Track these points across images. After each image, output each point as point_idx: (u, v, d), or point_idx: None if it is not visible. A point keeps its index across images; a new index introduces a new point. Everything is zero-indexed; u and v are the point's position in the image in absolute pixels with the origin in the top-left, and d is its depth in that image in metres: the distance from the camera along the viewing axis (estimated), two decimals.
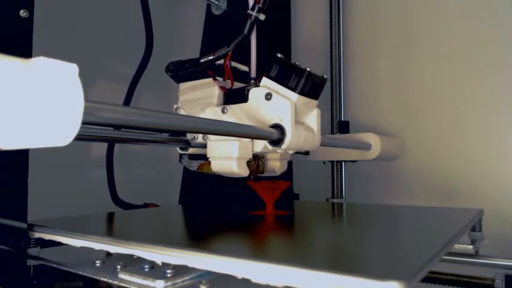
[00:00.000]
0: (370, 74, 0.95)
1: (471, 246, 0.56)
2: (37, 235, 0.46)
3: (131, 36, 0.94)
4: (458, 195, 0.82)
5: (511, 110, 0.78)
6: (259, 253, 0.37)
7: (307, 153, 0.83)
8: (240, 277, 0.30)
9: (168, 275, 0.34)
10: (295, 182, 0.94)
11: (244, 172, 0.52)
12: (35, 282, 0.43)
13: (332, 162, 0.89)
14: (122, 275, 0.36)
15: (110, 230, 0.53)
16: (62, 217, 0.53)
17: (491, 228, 0.68)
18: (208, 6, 0.77)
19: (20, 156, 0.44)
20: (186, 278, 0.34)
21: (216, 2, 0.74)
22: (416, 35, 0.89)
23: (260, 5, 0.56)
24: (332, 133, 0.92)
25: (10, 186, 0.44)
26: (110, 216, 0.63)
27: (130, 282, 0.35)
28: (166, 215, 0.68)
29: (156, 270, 0.35)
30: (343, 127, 0.91)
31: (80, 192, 0.91)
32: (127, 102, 0.90)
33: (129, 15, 0.96)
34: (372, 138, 0.75)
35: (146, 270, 0.36)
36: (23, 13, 0.43)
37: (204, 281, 0.34)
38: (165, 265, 0.35)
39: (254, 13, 0.56)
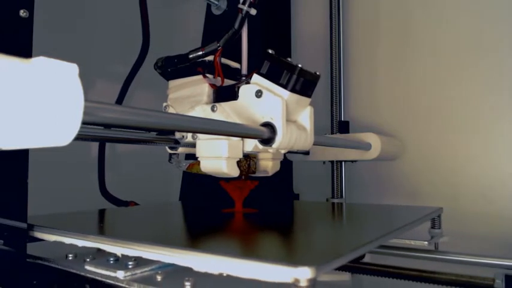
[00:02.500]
0: (370, 73, 0.95)
1: (426, 242, 0.59)
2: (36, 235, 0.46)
3: (132, 36, 0.94)
4: (458, 196, 0.81)
5: (511, 111, 0.78)
6: (201, 245, 0.40)
7: (307, 153, 0.83)
8: (195, 269, 0.32)
9: (130, 267, 0.38)
10: (295, 182, 0.94)
11: (234, 172, 0.51)
12: (34, 282, 0.44)
13: (332, 162, 0.89)
14: (87, 267, 0.40)
15: (84, 226, 0.55)
16: (38, 215, 0.53)
17: (489, 228, 0.68)
18: (208, 6, 0.77)
19: (20, 156, 0.44)
20: (146, 269, 0.38)
21: (216, 2, 0.74)
22: (416, 35, 0.89)
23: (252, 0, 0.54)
24: (332, 133, 0.91)
25: (10, 186, 0.44)
26: (88, 214, 0.64)
27: (95, 273, 0.39)
28: (142, 213, 0.69)
29: (119, 263, 0.39)
30: (343, 127, 0.91)
31: (76, 189, 0.91)
32: (120, 100, 0.90)
33: (130, 15, 0.96)
34: (371, 138, 0.75)
35: (111, 262, 0.40)
36: (23, 13, 0.43)
37: (160, 272, 0.37)
38: (128, 258, 0.38)
39: (245, 7, 0.54)
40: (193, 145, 0.54)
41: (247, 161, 0.57)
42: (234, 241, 0.43)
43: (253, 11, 0.55)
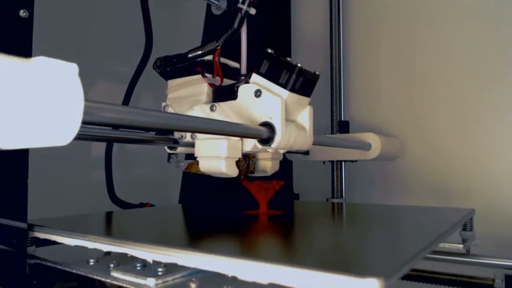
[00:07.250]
0: (370, 73, 0.95)
1: (461, 245, 0.56)
2: (36, 235, 0.46)
3: (132, 36, 0.94)
4: (458, 196, 0.81)
5: (511, 110, 0.78)
6: (246, 251, 0.37)
7: (307, 153, 0.83)
8: (230, 275, 0.30)
9: (160, 273, 0.35)
10: (295, 182, 0.94)
11: (233, 172, 0.50)
12: (34, 282, 0.43)
13: (332, 162, 0.89)
14: (114, 273, 0.37)
15: (105, 229, 0.53)
16: (56, 217, 0.53)
17: (490, 228, 0.68)
18: (208, 6, 0.77)
19: (20, 156, 0.44)
20: (177, 276, 0.35)
21: (216, 2, 0.74)
22: (416, 35, 0.89)
23: None
24: (332, 133, 0.91)
25: (10, 186, 0.44)
26: (106, 216, 0.63)
27: (122, 280, 0.36)
28: (160, 215, 0.68)
29: (148, 269, 0.36)
30: (343, 127, 0.91)
31: (79, 191, 0.91)
32: (126, 102, 0.90)
33: (130, 15, 0.96)
34: (372, 138, 0.74)
35: (138, 268, 0.36)
36: (23, 13, 0.43)
37: (194, 279, 0.34)
38: (157, 263, 0.35)
39: (244, 7, 0.53)
40: (192, 145, 0.54)
41: (246, 161, 0.57)
42: (277, 246, 0.40)
43: (252, 11, 0.54)
